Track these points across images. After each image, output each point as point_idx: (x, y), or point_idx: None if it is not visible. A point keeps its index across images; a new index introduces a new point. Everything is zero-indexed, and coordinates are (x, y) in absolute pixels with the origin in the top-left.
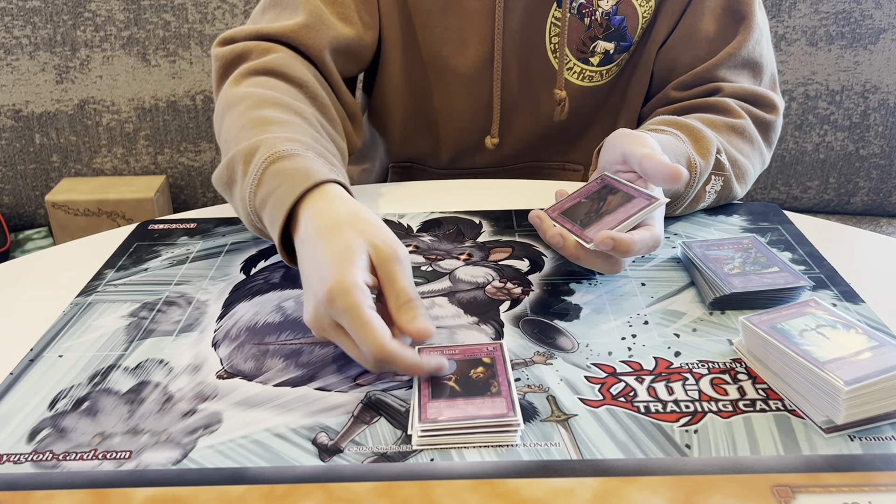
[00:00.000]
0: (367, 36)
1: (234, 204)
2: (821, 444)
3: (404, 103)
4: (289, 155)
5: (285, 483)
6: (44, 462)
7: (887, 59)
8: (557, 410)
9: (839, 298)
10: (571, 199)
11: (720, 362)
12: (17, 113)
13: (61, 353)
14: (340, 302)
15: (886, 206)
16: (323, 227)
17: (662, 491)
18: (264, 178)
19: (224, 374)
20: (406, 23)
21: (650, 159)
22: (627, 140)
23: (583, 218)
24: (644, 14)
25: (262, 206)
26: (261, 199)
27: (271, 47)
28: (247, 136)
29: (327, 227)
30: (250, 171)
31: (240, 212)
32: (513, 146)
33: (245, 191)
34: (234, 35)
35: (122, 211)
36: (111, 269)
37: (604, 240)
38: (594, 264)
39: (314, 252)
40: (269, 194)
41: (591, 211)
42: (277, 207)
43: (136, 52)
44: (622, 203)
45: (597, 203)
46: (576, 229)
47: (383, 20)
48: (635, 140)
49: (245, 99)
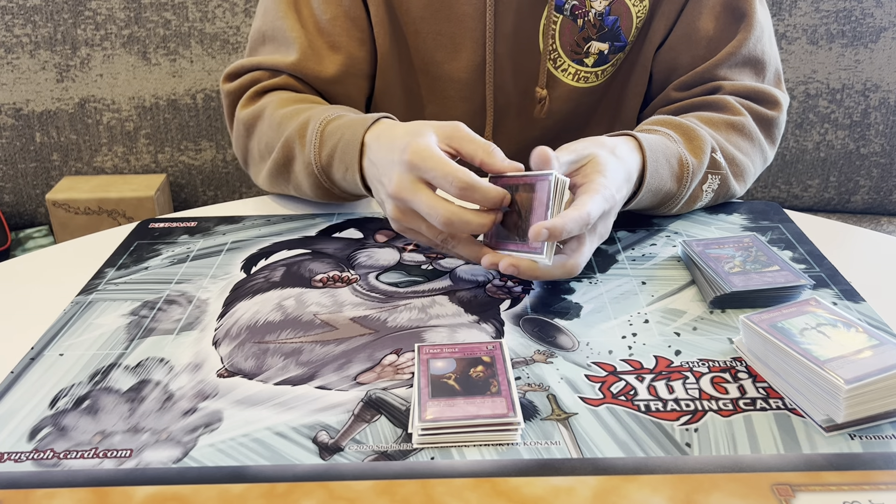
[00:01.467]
0: (360, 52)
1: (297, 180)
2: (821, 442)
3: (400, 111)
4: (337, 116)
5: (286, 481)
6: (45, 460)
7: (888, 57)
8: (558, 409)
9: (840, 297)
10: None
11: (720, 361)
12: (18, 111)
13: (62, 352)
14: (420, 158)
15: (887, 204)
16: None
17: (663, 489)
18: (324, 139)
19: (224, 373)
20: (396, 31)
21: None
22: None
23: (515, 231)
24: (638, 14)
25: (329, 162)
26: (326, 156)
27: (275, 74)
28: (290, 123)
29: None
30: (307, 140)
31: (303, 184)
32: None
33: (308, 157)
34: (237, 69)
35: (122, 209)
36: (112, 268)
37: (538, 232)
38: (552, 274)
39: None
40: (333, 148)
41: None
42: (347, 150)
43: (137, 51)
44: (531, 196)
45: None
46: (521, 246)
47: (375, 30)
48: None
49: (267, 106)
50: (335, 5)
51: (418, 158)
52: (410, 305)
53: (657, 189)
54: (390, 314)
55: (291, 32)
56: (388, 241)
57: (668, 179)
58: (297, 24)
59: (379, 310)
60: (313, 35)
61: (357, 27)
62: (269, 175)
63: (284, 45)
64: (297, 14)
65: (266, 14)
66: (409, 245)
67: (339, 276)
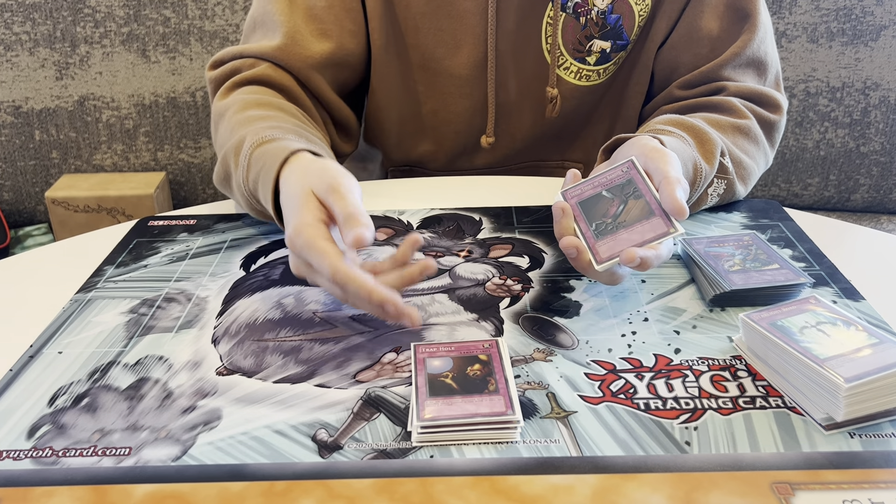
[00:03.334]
0: (351, 44)
1: (234, 195)
2: (820, 441)
3: (399, 108)
4: (269, 139)
5: (285, 480)
6: (43, 458)
7: (888, 55)
8: (557, 407)
9: (839, 295)
10: (593, 185)
11: (720, 359)
12: (17, 109)
13: (61, 350)
14: (299, 242)
15: (887, 203)
16: (288, 192)
17: (662, 488)
18: (251, 162)
19: (224, 371)
20: (394, 27)
21: (667, 185)
22: (652, 154)
23: (599, 222)
24: (640, 12)
25: (255, 188)
26: (252, 181)
27: (256, 62)
28: (235, 134)
29: (290, 191)
30: (240, 160)
31: (240, 200)
32: (511, 146)
33: (239, 178)
34: (223, 57)
35: (121, 207)
36: (111, 266)
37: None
38: (598, 277)
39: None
40: (257, 174)
41: (608, 214)
42: (264, 183)
43: (136, 49)
44: (640, 218)
45: (617, 203)
46: (590, 237)
47: (371, 24)
48: (660, 157)
49: (231, 106)
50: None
51: (295, 245)
52: (410, 303)
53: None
54: None
55: (280, 16)
56: (388, 239)
57: None
58: (287, 9)
59: None
60: (302, 20)
61: (351, 18)
62: (218, 180)
63: (272, 30)
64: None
65: (258, 1)
66: None
67: None
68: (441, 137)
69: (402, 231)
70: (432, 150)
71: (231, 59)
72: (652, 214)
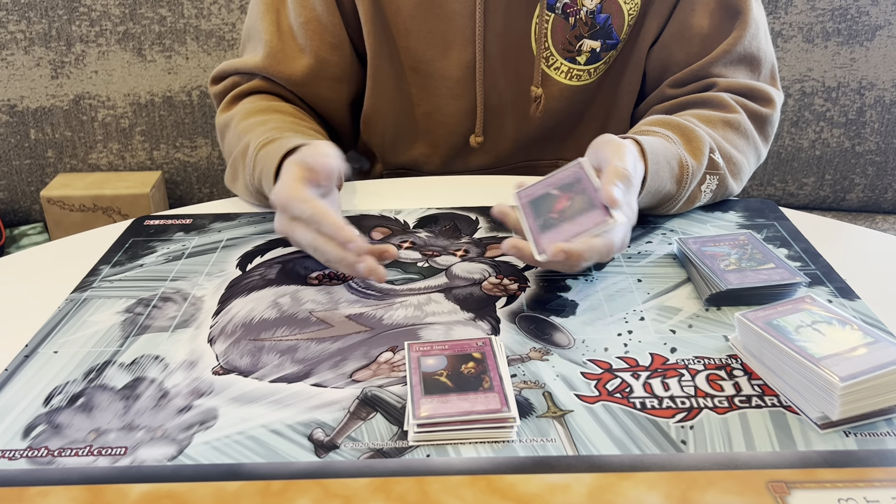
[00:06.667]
0: (334, 56)
1: (243, 193)
2: (816, 439)
3: (394, 111)
4: (271, 140)
5: (281, 479)
6: (39, 458)
7: (883, 55)
8: (553, 406)
9: (835, 295)
10: (544, 185)
11: (716, 358)
12: (12, 108)
13: (56, 349)
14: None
15: (882, 202)
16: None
17: (658, 486)
18: (256, 162)
19: (220, 370)
20: (386, 30)
21: (604, 175)
22: (607, 147)
23: (546, 217)
24: (630, 11)
25: (260, 184)
26: (258, 178)
27: (251, 77)
28: (241, 140)
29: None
30: (247, 162)
31: (248, 197)
32: (505, 147)
33: (246, 178)
34: (222, 72)
35: (117, 206)
36: (106, 265)
37: (556, 253)
38: (552, 266)
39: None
40: (261, 172)
41: (554, 210)
42: (266, 178)
43: (132, 48)
44: (580, 212)
45: (564, 199)
46: (535, 231)
47: (364, 29)
48: (610, 149)
49: (235, 116)
50: (308, 9)
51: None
52: (406, 303)
53: (657, 191)
54: (386, 312)
55: (265, 34)
56: (384, 238)
57: (667, 181)
58: (272, 27)
59: (374, 307)
60: (284, 37)
61: (329, 32)
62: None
63: (259, 45)
64: (275, 15)
65: (250, 14)
66: (405, 243)
67: (334, 273)
68: (435, 139)
69: (398, 231)
70: (427, 152)
71: (229, 74)
72: (593, 206)
